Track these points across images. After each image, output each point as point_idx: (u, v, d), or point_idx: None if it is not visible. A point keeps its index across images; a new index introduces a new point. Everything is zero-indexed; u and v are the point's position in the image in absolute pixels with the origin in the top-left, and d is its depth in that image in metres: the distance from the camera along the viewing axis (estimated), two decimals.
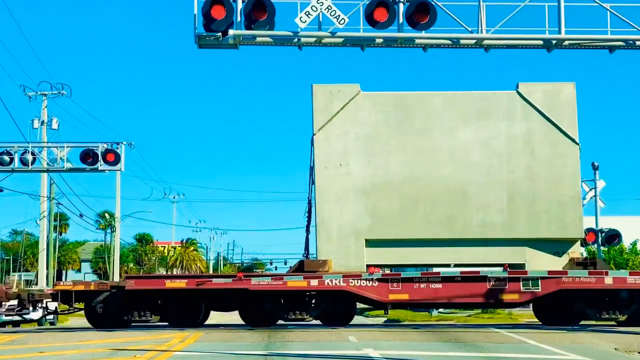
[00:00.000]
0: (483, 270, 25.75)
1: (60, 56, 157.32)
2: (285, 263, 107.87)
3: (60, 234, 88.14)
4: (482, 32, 23.42)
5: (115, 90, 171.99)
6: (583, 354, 16.92)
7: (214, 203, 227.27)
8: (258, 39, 23.32)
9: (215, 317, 29.63)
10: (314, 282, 25.40)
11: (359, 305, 29.31)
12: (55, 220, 60.64)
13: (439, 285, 25.33)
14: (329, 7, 22.57)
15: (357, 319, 39.56)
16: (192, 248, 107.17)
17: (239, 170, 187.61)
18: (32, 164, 32.72)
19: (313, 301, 26.27)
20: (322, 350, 17.66)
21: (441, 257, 26.39)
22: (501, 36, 23.69)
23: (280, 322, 26.77)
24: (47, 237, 54.83)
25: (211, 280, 25.79)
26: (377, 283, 25.38)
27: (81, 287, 26.59)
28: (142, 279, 26.76)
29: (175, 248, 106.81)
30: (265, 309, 26.12)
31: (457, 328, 26.31)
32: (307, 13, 22.59)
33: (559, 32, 23.53)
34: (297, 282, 25.50)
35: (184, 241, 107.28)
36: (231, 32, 22.77)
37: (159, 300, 26.35)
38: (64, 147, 33.04)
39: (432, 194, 26.17)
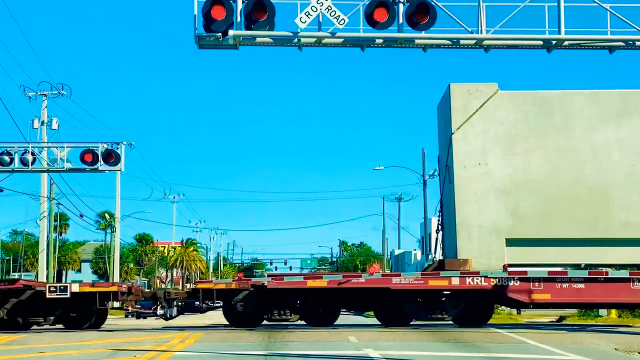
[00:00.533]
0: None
1: (60, 56, 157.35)
2: (285, 263, 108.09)
3: (61, 234, 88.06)
4: (482, 33, 23.40)
5: (115, 90, 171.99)
6: (583, 354, 16.94)
7: (214, 203, 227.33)
8: (258, 39, 23.31)
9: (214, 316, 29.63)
10: (456, 281, 25.40)
11: None
12: (55, 220, 60.58)
13: (582, 286, 25.34)
14: (329, 8, 22.56)
15: (357, 319, 39.51)
16: (192, 248, 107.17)
17: (239, 171, 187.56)
18: (32, 164, 32.74)
19: (451, 301, 26.31)
20: (322, 350, 17.67)
21: (583, 256, 26.23)
22: (501, 36, 23.67)
23: (416, 322, 27.10)
24: (47, 237, 54.80)
25: (351, 280, 25.93)
26: (519, 282, 25.41)
27: (222, 286, 26.97)
28: (283, 277, 26.89)
29: (175, 248, 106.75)
30: (404, 308, 26.24)
31: (457, 328, 26.30)
32: (307, 13, 22.59)
33: (559, 33, 23.51)
34: (438, 281, 25.57)
35: (184, 241, 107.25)
36: (231, 32, 22.76)
37: (297, 300, 26.59)
38: (64, 147, 33.06)
39: (574, 194, 26.09)
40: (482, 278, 25.36)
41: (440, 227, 28.54)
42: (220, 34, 23.02)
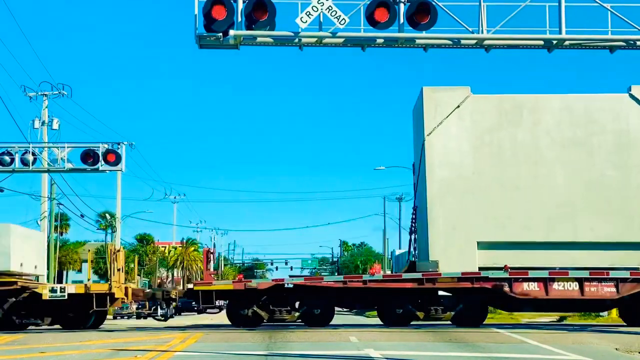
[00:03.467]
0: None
1: (60, 56, 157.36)
2: (286, 263, 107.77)
3: (61, 234, 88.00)
4: (482, 32, 23.41)
5: (115, 90, 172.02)
6: (584, 354, 16.92)
7: (214, 203, 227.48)
8: (259, 39, 23.32)
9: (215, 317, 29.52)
10: None
11: None
12: (56, 220, 60.62)
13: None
14: (330, 8, 22.57)
15: (358, 319, 39.54)
16: (192, 248, 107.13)
17: (240, 170, 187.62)
18: (32, 164, 32.75)
19: None
20: (323, 350, 17.65)
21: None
22: (502, 36, 23.68)
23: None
24: (48, 237, 54.77)
25: None
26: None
27: None
28: None
29: (175, 248, 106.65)
30: None
31: (458, 328, 26.29)
32: (307, 13, 22.60)
33: (560, 32, 23.53)
34: None
35: (185, 241, 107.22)
36: (232, 32, 22.78)
37: None
38: (64, 147, 33.07)
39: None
40: None
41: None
42: (221, 34, 23.05)
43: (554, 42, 23.78)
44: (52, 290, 26.15)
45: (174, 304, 27.68)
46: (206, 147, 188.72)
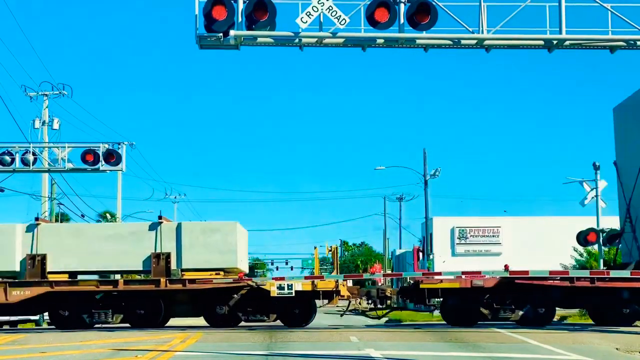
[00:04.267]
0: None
1: (61, 56, 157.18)
2: (287, 263, 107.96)
3: None
4: (483, 33, 23.42)
5: (116, 90, 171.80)
6: (584, 354, 16.93)
7: (214, 203, 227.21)
8: (259, 39, 23.34)
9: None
10: None
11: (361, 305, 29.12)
12: (56, 220, 60.62)
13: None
14: (330, 8, 22.59)
15: (359, 319, 39.50)
16: None
17: (240, 170, 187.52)
18: (33, 164, 32.82)
19: None
20: (324, 350, 17.67)
21: None
22: (502, 36, 23.69)
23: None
24: None
25: None
26: None
27: None
28: None
29: None
30: None
31: (458, 328, 26.32)
32: (308, 13, 22.61)
33: (560, 32, 23.54)
34: None
35: None
36: (232, 32, 22.80)
37: None
38: (65, 147, 33.14)
39: None
40: None
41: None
42: (221, 34, 23.06)
43: (554, 42, 23.78)
44: (280, 287, 26.00)
45: (388, 302, 27.36)
46: (206, 146, 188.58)
